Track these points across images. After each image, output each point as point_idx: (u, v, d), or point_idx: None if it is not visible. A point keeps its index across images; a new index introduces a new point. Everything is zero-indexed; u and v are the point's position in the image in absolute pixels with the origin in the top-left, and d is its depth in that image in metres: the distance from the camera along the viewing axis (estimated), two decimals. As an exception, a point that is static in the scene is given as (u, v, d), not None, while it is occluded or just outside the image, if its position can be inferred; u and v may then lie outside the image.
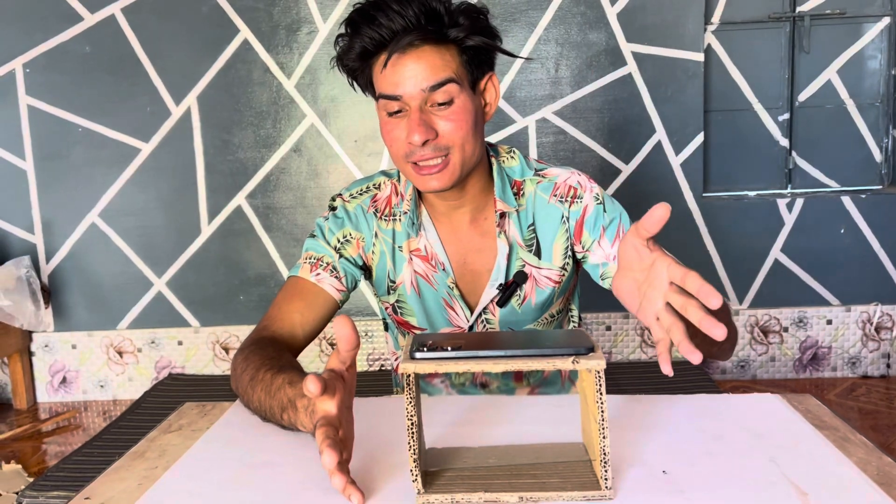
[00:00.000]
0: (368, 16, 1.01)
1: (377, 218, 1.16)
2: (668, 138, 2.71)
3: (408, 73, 1.01)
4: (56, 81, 2.74)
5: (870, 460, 0.79)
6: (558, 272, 1.16)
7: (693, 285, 0.73)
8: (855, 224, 2.72)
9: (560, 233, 1.14)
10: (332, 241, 1.15)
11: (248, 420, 0.95)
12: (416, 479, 0.72)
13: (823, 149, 2.82)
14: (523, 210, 1.14)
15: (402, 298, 1.18)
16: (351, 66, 1.07)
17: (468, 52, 1.04)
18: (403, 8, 0.99)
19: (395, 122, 1.04)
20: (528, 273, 1.14)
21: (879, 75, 2.78)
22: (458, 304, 1.16)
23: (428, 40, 1.01)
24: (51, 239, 2.82)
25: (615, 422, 0.89)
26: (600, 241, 1.12)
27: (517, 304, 1.16)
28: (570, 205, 1.13)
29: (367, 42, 1.02)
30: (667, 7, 2.65)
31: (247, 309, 2.85)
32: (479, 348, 0.72)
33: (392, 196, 1.17)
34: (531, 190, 1.15)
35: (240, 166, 2.78)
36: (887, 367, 2.77)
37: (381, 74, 1.03)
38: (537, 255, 1.15)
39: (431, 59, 1.01)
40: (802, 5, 2.75)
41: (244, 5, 2.69)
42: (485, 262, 1.15)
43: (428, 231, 1.15)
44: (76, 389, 2.90)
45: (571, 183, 1.14)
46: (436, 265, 1.15)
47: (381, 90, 1.04)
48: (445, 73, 1.01)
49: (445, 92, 1.01)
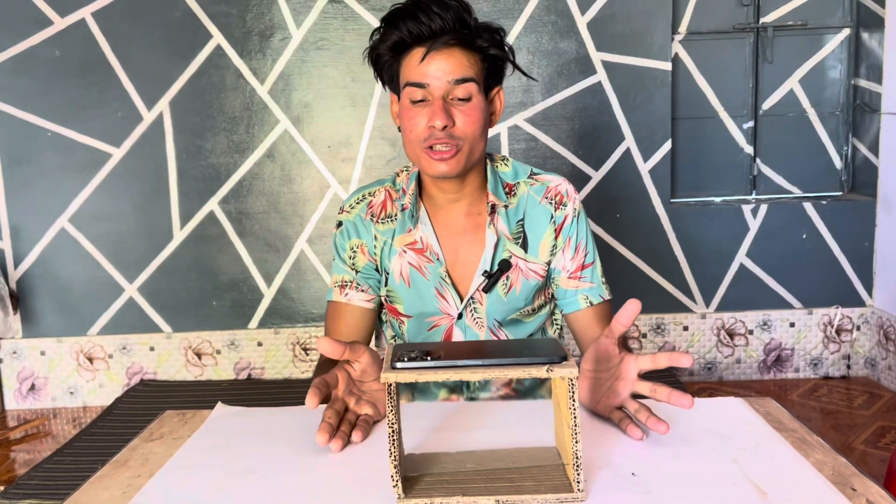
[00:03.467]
0: (411, 13, 1.13)
1: (374, 223, 1.27)
2: (637, 145, 2.77)
3: (437, 65, 1.13)
4: (25, 85, 2.71)
5: (826, 461, 0.83)
6: (543, 266, 1.26)
7: (662, 393, 0.90)
8: (816, 229, 2.80)
9: (548, 231, 1.26)
10: (347, 259, 1.28)
11: (230, 427, 0.97)
12: (397, 485, 0.75)
13: (786, 156, 2.90)
14: (513, 207, 1.26)
15: (391, 288, 1.28)
16: (383, 55, 1.18)
17: (488, 61, 1.18)
18: (443, 12, 1.12)
19: (418, 109, 1.16)
20: (513, 263, 1.24)
21: (840, 85, 2.87)
22: (450, 293, 1.25)
23: (459, 43, 1.14)
24: (19, 244, 2.79)
25: (587, 426, 0.92)
26: (564, 251, 1.26)
27: (503, 293, 1.25)
28: (556, 209, 1.26)
29: (406, 35, 1.14)
30: (636, 17, 2.71)
31: (219, 314, 2.84)
32: (457, 357, 0.75)
33: (386, 200, 1.28)
34: (524, 190, 1.27)
35: (212, 171, 2.78)
36: (847, 368, 2.86)
37: (411, 65, 1.15)
38: (524, 248, 1.25)
39: (459, 58, 1.14)
40: (766, 17, 2.83)
41: (217, 11, 2.69)
42: (475, 252, 1.25)
43: (424, 224, 1.25)
44: (45, 396, 2.87)
45: (561, 190, 1.27)
46: (430, 256, 1.24)
47: (410, 78, 1.15)
48: (469, 73, 1.15)
49: (466, 89, 1.14)
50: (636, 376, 0.93)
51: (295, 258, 2.82)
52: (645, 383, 0.92)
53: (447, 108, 1.14)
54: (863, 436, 2.36)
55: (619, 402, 0.93)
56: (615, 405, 0.94)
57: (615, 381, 0.94)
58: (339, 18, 2.70)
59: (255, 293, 2.84)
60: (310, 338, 2.86)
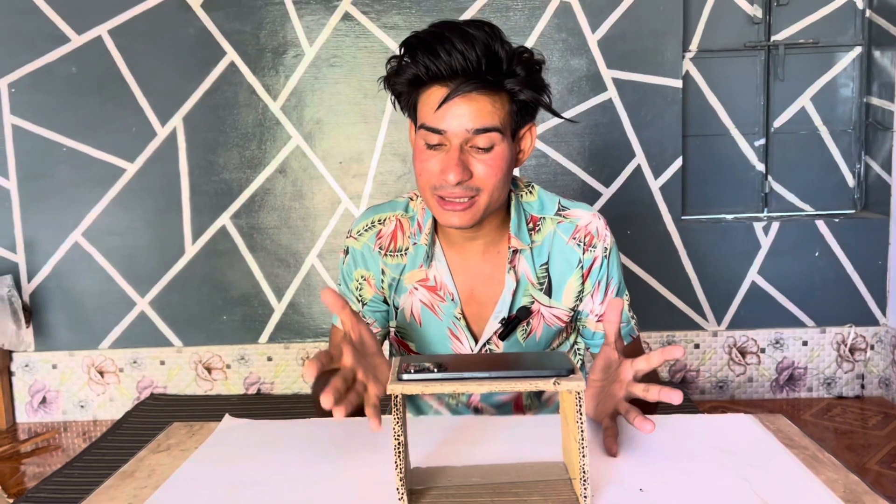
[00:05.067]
0: (430, 47, 1.00)
1: (382, 255, 1.18)
2: (648, 162, 2.77)
3: (457, 111, 1.01)
4: (41, 101, 2.74)
5: (837, 478, 0.82)
6: (567, 313, 1.18)
7: (654, 392, 0.88)
8: (829, 247, 2.78)
9: (574, 276, 1.16)
10: (354, 289, 1.21)
11: (237, 439, 0.97)
12: (402, 498, 0.74)
13: (798, 173, 2.89)
14: (537, 246, 1.15)
15: (402, 325, 1.21)
16: (398, 88, 1.07)
17: (518, 103, 1.05)
18: (467, 49, 0.98)
19: (432, 154, 1.05)
20: (533, 310, 1.15)
21: (851, 103, 2.86)
22: (464, 334, 1.17)
23: (484, 86, 1.01)
24: (33, 258, 2.82)
25: (595, 441, 0.92)
26: (593, 295, 1.18)
27: (522, 338, 1.18)
28: (585, 251, 1.15)
29: (423, 72, 1.01)
30: (646, 35, 2.72)
31: (230, 329, 2.85)
32: (463, 370, 0.75)
33: (397, 231, 1.19)
34: (550, 229, 1.16)
35: (225, 187, 2.80)
36: (861, 388, 2.82)
37: (427, 105, 1.03)
38: (548, 294, 1.16)
39: (482, 104, 1.01)
40: (777, 35, 2.83)
41: (231, 28, 2.72)
42: (492, 294, 1.15)
43: (438, 261, 1.16)
44: (56, 410, 2.88)
45: (591, 229, 1.15)
46: (444, 295, 1.16)
47: (425, 122, 1.04)
48: (493, 121, 1.02)
49: (488, 138, 1.02)
50: (632, 378, 0.91)
51: (305, 273, 2.83)
52: (639, 385, 0.90)
53: (464, 158, 1.02)
54: (877, 456, 2.33)
55: (615, 405, 0.92)
56: (611, 409, 0.92)
57: (612, 384, 0.93)
58: (352, 36, 2.73)
59: (266, 308, 2.85)
60: (319, 353, 2.85)
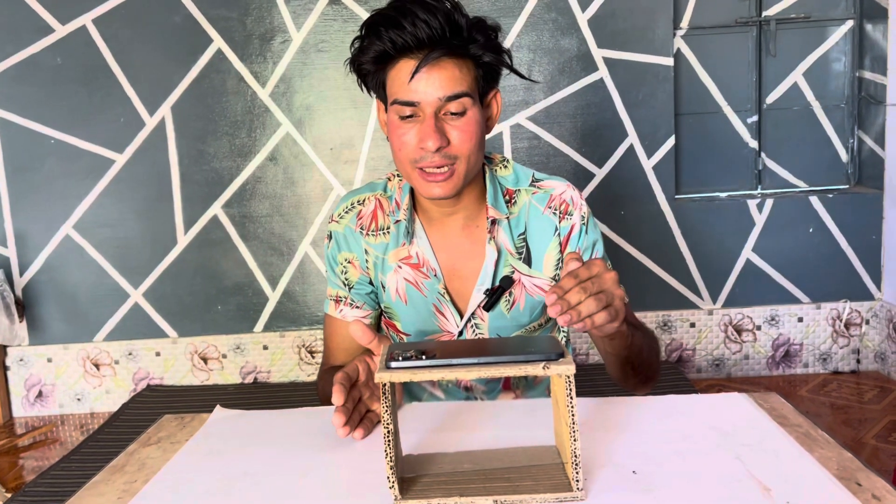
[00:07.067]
0: (394, 21, 1.02)
1: (363, 235, 1.20)
2: (640, 142, 2.75)
3: (427, 81, 1.03)
4: (27, 93, 2.71)
5: (831, 456, 0.82)
6: (548, 282, 1.18)
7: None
8: (823, 223, 2.77)
9: (552, 244, 1.18)
10: (339, 273, 1.22)
11: (228, 431, 0.96)
12: (393, 486, 0.74)
13: (791, 150, 2.87)
14: (514, 218, 1.17)
15: (388, 304, 1.22)
16: (365, 68, 1.08)
17: (482, 67, 1.08)
18: (430, 17, 1.01)
19: (408, 126, 1.06)
20: (515, 279, 1.17)
21: (844, 77, 2.84)
22: (449, 310, 1.18)
23: (450, 53, 1.04)
24: (24, 252, 2.80)
25: (586, 424, 0.91)
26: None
27: (506, 309, 1.18)
28: (561, 219, 1.17)
29: (389, 46, 1.03)
30: (637, 13, 2.69)
31: (225, 318, 2.84)
32: (452, 356, 0.74)
33: (377, 211, 1.20)
34: (526, 199, 1.18)
35: (215, 176, 2.78)
36: (857, 363, 2.83)
37: (398, 80, 1.05)
38: (527, 263, 1.18)
39: (451, 70, 1.04)
40: (768, 10, 2.80)
41: (217, 15, 2.69)
42: (474, 268, 1.17)
43: (420, 238, 1.17)
44: (52, 403, 2.87)
45: (565, 198, 1.18)
46: (427, 272, 1.17)
47: (397, 96, 1.05)
48: (462, 86, 1.05)
49: (460, 103, 1.05)
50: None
51: (299, 261, 2.82)
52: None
53: (440, 126, 1.04)
54: (873, 430, 2.34)
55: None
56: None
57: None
58: (339, 20, 2.70)
59: (260, 297, 2.84)
60: (315, 340, 2.85)
